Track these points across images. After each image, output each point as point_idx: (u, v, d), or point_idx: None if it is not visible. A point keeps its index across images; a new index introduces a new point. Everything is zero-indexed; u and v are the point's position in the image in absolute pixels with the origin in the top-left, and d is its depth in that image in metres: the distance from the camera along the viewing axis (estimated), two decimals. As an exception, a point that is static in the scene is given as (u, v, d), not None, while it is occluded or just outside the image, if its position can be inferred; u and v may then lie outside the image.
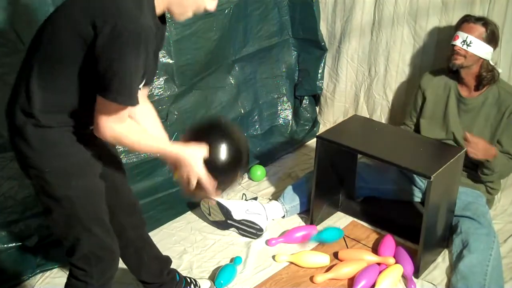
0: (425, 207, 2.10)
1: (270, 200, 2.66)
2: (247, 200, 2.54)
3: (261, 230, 2.40)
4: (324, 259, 2.23)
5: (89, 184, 1.55)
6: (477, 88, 2.42)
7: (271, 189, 2.82)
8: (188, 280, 2.08)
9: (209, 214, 2.47)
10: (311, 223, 2.47)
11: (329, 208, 2.56)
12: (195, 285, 2.08)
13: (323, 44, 3.25)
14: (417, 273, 2.18)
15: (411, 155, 2.24)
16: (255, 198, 2.63)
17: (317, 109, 3.46)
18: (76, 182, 1.50)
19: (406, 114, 2.72)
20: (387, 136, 2.40)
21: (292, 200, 2.53)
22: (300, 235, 2.38)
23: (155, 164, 2.70)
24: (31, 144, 1.46)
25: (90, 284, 1.60)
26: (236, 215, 2.40)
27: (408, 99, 2.94)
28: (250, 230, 2.40)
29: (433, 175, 2.01)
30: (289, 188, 2.58)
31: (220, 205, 2.41)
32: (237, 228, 2.42)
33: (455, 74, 2.46)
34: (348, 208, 2.61)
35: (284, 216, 2.54)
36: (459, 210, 2.32)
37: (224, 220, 2.42)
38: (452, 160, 2.11)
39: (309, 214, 2.49)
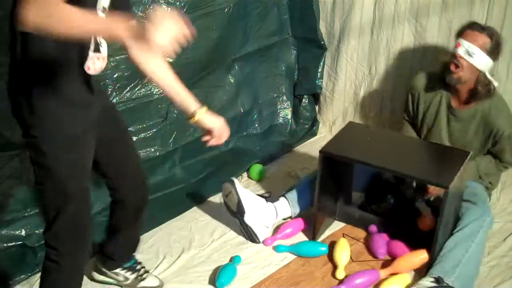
0: (439, 219, 2.05)
1: (269, 197, 2.65)
2: (266, 197, 2.52)
3: (258, 242, 2.40)
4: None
5: (78, 159, 1.58)
6: (468, 101, 2.36)
7: (270, 188, 2.81)
8: (134, 266, 2.10)
9: (226, 196, 2.42)
10: (313, 238, 2.39)
11: (327, 219, 2.49)
12: (139, 273, 2.09)
13: (322, 43, 3.25)
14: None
15: (420, 163, 2.19)
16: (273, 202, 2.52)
17: (317, 108, 3.45)
18: (68, 155, 1.53)
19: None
20: (389, 144, 2.35)
21: (299, 204, 2.49)
22: (290, 231, 2.42)
23: (154, 163, 2.70)
24: (33, 109, 1.46)
25: (61, 266, 1.62)
26: (247, 219, 2.37)
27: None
28: (249, 235, 2.39)
29: (450, 185, 1.97)
30: (294, 192, 2.50)
31: (239, 203, 2.35)
32: (240, 224, 2.41)
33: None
34: (345, 216, 2.53)
35: (291, 217, 2.52)
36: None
37: (234, 212, 2.40)
38: (463, 166, 2.08)
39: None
